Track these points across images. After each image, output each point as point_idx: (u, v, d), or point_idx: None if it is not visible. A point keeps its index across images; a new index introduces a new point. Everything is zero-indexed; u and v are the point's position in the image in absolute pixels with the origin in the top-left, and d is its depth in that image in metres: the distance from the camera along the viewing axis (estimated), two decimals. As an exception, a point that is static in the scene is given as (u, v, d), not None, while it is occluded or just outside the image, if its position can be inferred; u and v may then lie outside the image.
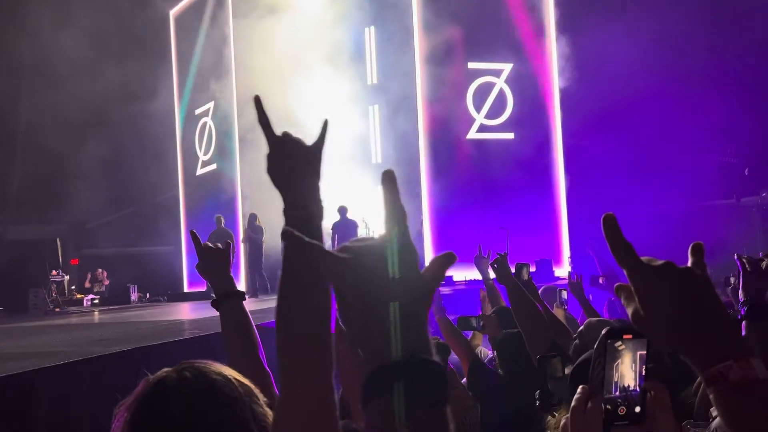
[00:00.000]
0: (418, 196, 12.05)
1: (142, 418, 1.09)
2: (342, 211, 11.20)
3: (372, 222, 12.26)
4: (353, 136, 12.72)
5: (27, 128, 17.30)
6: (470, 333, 3.41)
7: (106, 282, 14.63)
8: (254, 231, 11.74)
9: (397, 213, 0.66)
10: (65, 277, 13.85)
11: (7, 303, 13.04)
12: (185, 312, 8.41)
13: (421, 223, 11.80)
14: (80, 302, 13.31)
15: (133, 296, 13.33)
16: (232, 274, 1.76)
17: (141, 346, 3.86)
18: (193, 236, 1.85)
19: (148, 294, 13.97)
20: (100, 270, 14.83)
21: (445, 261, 0.66)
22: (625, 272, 0.73)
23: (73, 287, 14.28)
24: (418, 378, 0.59)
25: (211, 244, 1.83)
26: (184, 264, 14.99)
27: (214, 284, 1.74)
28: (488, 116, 12.06)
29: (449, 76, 11.87)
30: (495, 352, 2.97)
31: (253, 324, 1.66)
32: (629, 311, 0.74)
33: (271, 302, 8.46)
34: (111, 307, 11.97)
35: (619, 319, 2.84)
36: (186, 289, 14.39)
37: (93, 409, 3.30)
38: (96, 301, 13.27)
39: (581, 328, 2.48)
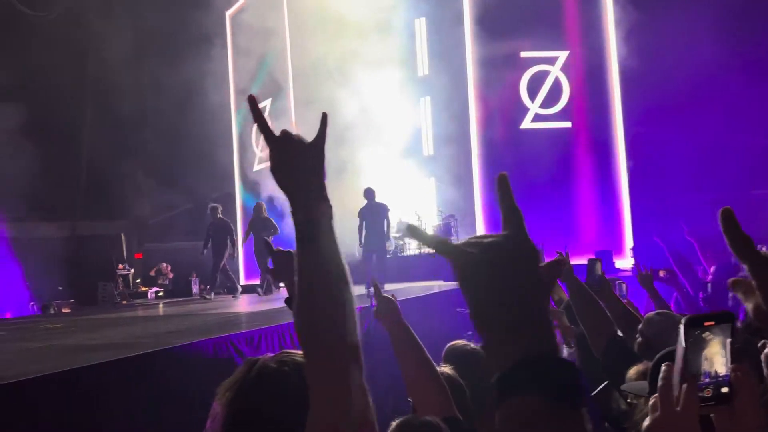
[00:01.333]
0: (471, 188, 11.96)
1: (239, 404, 1.15)
2: (369, 194, 10.01)
3: (425, 215, 12.24)
4: (404, 129, 12.74)
5: (91, 131, 18.10)
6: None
7: (171, 275, 15.19)
8: (264, 226, 10.32)
9: (514, 213, 0.68)
10: (130, 270, 14.47)
11: (78, 296, 13.75)
12: (245, 304, 8.65)
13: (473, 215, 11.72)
14: (144, 295, 13.86)
15: (195, 288, 13.77)
16: None
17: (211, 338, 4.01)
18: (266, 244, 2.03)
19: (207, 287, 14.39)
20: (164, 264, 15.41)
21: (558, 265, 0.67)
22: (746, 267, 0.72)
23: (138, 280, 14.89)
24: (556, 376, 0.59)
25: (283, 249, 1.94)
26: (240, 258, 15.37)
27: (288, 285, 1.84)
28: (543, 105, 11.83)
29: (502, 66, 11.71)
30: (574, 346, 2.94)
31: None
32: (749, 306, 0.72)
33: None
34: (174, 300, 12.40)
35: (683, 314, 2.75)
36: (243, 282, 14.76)
37: (169, 399, 3.46)
38: (160, 294, 13.78)
39: (641, 325, 2.43)
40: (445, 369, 1.98)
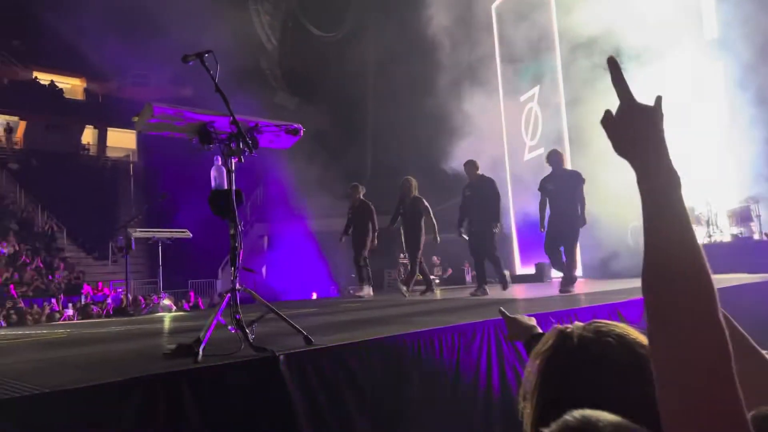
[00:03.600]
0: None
1: (554, 371, 1.09)
2: (554, 159, 7.51)
3: (717, 197, 10.82)
4: (691, 100, 11.26)
5: (373, 133, 20.04)
6: None
7: (439, 268, 16.12)
8: (413, 205, 9.27)
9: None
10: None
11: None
12: (522, 291, 8.69)
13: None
14: (419, 283, 14.87)
15: (468, 277, 14.31)
16: None
17: (492, 319, 4.09)
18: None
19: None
20: (434, 257, 16.40)
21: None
22: None
23: (413, 269, 16.10)
24: None
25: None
26: (515, 246, 15.42)
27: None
28: None
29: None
30: None
31: None
32: None
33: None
34: (449, 287, 13.07)
35: None
36: (518, 272, 14.78)
37: (458, 367, 3.64)
38: (436, 281, 14.64)
39: None
40: None
